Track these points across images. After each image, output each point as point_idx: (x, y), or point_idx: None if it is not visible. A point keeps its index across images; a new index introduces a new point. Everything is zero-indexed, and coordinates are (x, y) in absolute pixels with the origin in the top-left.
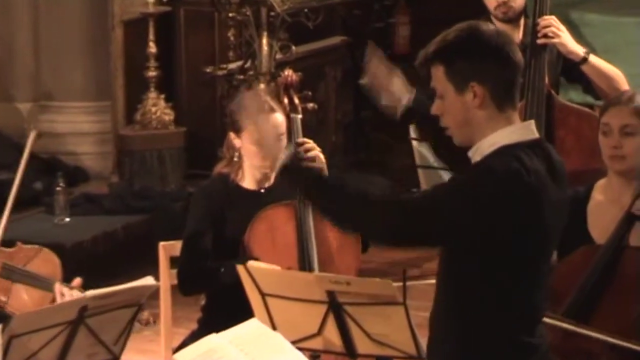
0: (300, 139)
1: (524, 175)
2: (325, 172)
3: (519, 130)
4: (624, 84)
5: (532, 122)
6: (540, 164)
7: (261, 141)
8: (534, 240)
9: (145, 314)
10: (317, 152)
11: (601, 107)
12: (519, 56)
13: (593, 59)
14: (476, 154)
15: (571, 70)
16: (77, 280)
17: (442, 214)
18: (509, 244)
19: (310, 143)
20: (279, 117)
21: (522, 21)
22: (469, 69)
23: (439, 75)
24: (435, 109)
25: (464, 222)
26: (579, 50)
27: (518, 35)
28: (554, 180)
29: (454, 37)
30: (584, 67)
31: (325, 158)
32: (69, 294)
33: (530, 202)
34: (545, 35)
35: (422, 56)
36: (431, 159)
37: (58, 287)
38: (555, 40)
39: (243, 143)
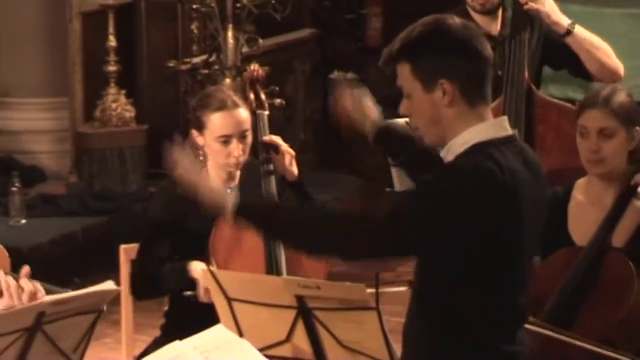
0: (267, 137)
1: (498, 174)
2: (295, 171)
3: (492, 126)
4: (612, 57)
5: (505, 118)
6: (515, 161)
7: (225, 139)
8: (513, 239)
9: None
10: (285, 147)
11: (577, 108)
12: (488, 49)
13: (578, 30)
14: (448, 154)
15: (555, 55)
16: (26, 269)
17: (416, 222)
18: (487, 245)
19: (278, 139)
20: (243, 113)
21: (499, 13)
22: (437, 66)
23: (405, 74)
24: (402, 109)
25: (439, 228)
26: (563, 20)
27: (496, 27)
28: (531, 176)
29: (419, 32)
30: (569, 40)
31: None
32: (13, 284)
33: (506, 201)
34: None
35: (387, 54)
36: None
37: (1, 275)
38: (540, 6)
39: (206, 141)
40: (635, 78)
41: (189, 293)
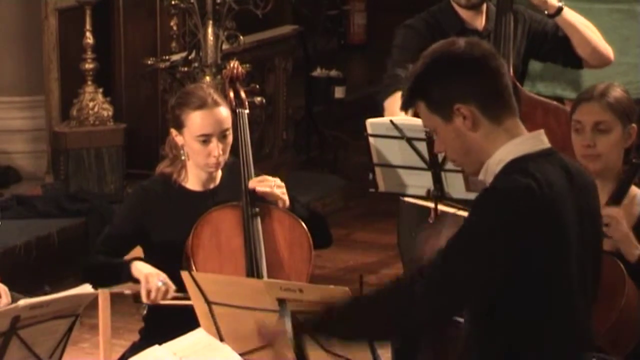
0: (252, 183)
1: (536, 189)
2: (287, 202)
3: (526, 141)
4: (601, 39)
5: (542, 131)
6: (555, 174)
7: (204, 138)
8: (560, 255)
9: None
10: (273, 191)
11: (573, 103)
12: (497, 62)
13: (567, 10)
14: (487, 175)
15: (542, 46)
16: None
17: (471, 271)
18: (539, 264)
19: (264, 184)
20: (224, 112)
21: (484, 7)
22: (447, 93)
23: (423, 112)
24: (436, 147)
25: (497, 263)
26: (554, 1)
27: (480, 22)
28: (573, 188)
29: (421, 66)
30: (559, 20)
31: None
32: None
33: (547, 215)
34: None
35: (403, 101)
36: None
37: None
38: None
39: (185, 140)
40: (626, 75)
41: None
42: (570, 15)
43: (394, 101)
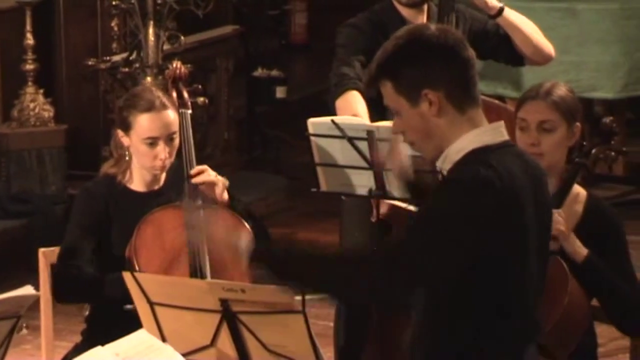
0: (193, 170)
1: (497, 182)
2: (225, 198)
3: (487, 132)
4: (542, 36)
5: (502, 123)
6: (514, 166)
7: (151, 141)
8: (520, 247)
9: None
10: (215, 179)
11: (518, 101)
12: (468, 52)
13: (509, 11)
14: (445, 163)
15: (484, 44)
16: None
17: (429, 254)
18: (494, 254)
19: (206, 173)
20: (171, 115)
21: (426, 6)
22: (417, 77)
23: (388, 92)
24: (394, 127)
25: (451, 250)
26: (495, 2)
27: (422, 20)
28: (531, 181)
29: (393, 46)
30: (500, 20)
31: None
32: None
33: (508, 207)
34: None
35: (367, 76)
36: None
37: None
38: None
39: (132, 142)
40: (567, 73)
41: (129, 307)
42: (512, 15)
43: (346, 100)
